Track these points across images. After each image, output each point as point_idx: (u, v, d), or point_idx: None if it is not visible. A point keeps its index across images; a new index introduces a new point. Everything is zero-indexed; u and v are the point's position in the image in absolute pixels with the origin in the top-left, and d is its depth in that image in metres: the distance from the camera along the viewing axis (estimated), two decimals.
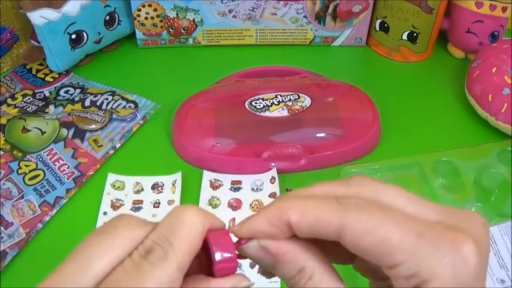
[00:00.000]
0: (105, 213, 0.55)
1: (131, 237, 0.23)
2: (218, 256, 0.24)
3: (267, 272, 0.27)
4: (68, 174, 0.57)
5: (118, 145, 0.62)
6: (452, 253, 0.22)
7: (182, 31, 0.76)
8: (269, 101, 0.61)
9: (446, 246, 0.22)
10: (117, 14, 0.73)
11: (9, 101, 0.67)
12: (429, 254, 0.22)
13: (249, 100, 0.61)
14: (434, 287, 0.22)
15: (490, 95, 0.63)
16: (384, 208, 0.23)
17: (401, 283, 0.22)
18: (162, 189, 0.57)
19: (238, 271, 0.49)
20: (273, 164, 0.59)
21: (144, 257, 0.22)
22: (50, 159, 0.59)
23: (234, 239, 0.25)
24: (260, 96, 0.61)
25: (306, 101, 0.61)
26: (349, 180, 0.25)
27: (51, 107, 0.66)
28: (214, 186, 0.58)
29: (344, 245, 0.23)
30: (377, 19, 0.76)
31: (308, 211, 0.23)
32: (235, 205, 0.56)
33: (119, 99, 0.67)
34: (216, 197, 0.56)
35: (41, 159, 0.59)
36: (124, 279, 0.22)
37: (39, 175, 0.57)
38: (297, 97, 0.61)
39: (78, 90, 0.69)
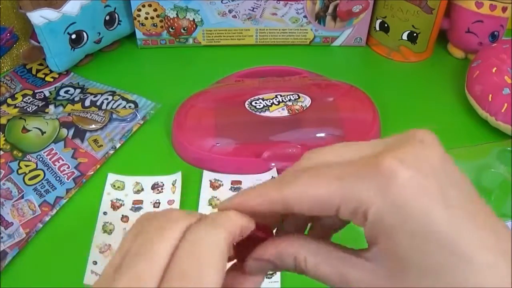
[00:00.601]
0: (105, 213, 0.55)
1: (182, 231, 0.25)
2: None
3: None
4: (68, 174, 0.57)
5: (118, 145, 0.62)
6: (374, 177, 0.23)
7: (182, 31, 0.76)
8: (269, 101, 0.61)
9: (366, 173, 0.23)
10: (117, 14, 0.73)
11: (9, 101, 0.67)
12: (356, 188, 0.23)
13: (249, 100, 0.61)
14: (374, 211, 0.23)
15: (490, 95, 0.63)
16: (311, 169, 0.25)
17: (354, 221, 0.24)
18: (162, 189, 0.57)
19: None
20: (273, 164, 0.59)
21: (196, 224, 0.24)
22: (50, 159, 0.59)
23: None
24: (260, 96, 0.61)
25: (306, 101, 0.61)
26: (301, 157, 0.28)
27: (51, 107, 0.66)
28: (214, 186, 0.58)
29: (298, 212, 0.25)
30: (377, 19, 0.76)
31: (261, 194, 0.26)
32: None
33: (119, 99, 0.67)
34: (216, 197, 0.56)
35: (41, 159, 0.59)
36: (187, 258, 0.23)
37: (39, 175, 0.57)
38: (297, 97, 0.61)
39: (78, 90, 0.69)
